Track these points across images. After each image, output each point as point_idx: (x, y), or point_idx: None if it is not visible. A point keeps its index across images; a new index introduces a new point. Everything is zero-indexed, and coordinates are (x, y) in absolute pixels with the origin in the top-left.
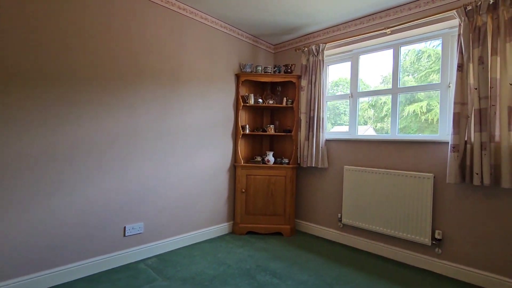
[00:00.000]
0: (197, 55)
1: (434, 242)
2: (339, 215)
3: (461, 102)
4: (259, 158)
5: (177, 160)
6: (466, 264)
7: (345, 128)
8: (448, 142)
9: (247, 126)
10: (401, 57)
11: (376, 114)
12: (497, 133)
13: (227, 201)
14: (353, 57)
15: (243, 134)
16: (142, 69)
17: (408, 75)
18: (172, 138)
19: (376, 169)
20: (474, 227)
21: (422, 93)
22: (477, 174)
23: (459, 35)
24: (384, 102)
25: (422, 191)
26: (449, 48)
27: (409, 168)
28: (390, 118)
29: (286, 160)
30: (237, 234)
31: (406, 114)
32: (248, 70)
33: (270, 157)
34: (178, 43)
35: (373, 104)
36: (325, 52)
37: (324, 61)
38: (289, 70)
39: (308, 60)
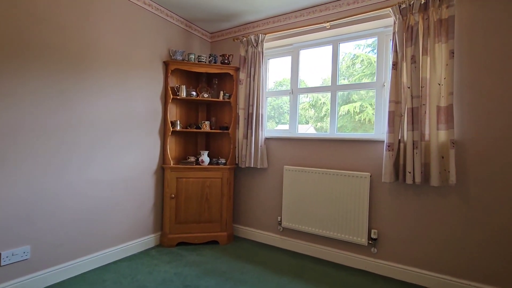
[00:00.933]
0: (111, 33)
1: (370, 242)
2: (279, 218)
3: (395, 100)
4: (192, 159)
5: (84, 162)
6: (399, 262)
7: (288, 127)
8: (383, 141)
9: (178, 122)
10: (340, 56)
11: (316, 114)
12: (427, 132)
13: (154, 209)
14: (294, 51)
15: (173, 131)
16: (28, 44)
17: (344, 79)
18: (76, 135)
19: (315, 168)
20: (406, 225)
21: (356, 95)
22: (410, 172)
23: (394, 33)
24: (324, 103)
25: (360, 190)
26: (384, 47)
27: (347, 167)
28: (329, 118)
29: (223, 161)
30: (166, 247)
31: (342, 114)
32: (179, 58)
33: (204, 157)
34: (83, 14)
35: (314, 104)
36: (265, 44)
37: (264, 54)
38: (226, 61)
39: (247, 51)
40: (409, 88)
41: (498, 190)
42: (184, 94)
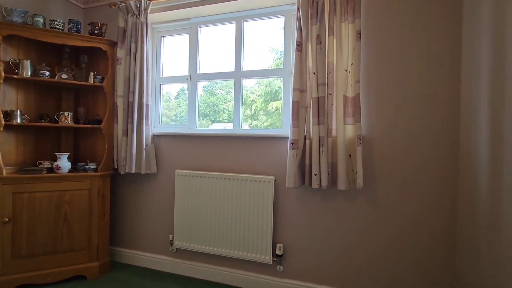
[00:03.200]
0: None
1: (275, 259)
2: (171, 236)
3: (300, 88)
4: (47, 164)
5: None
6: (308, 280)
7: (227, 126)
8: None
9: (19, 113)
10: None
11: (246, 113)
12: (334, 126)
13: None
14: (192, 28)
15: (9, 125)
16: None
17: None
18: None
19: (213, 172)
20: (315, 236)
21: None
22: (316, 175)
23: (297, 7)
24: (253, 101)
25: (263, 198)
26: (291, 28)
27: (251, 170)
28: (233, 109)
29: (94, 165)
30: None
31: (271, 110)
32: (18, 19)
33: (62, 162)
34: None
35: (244, 101)
36: (156, 16)
37: (149, 25)
38: (97, 32)
39: (126, 21)
40: (314, 73)
41: (405, 191)
42: (29, 73)
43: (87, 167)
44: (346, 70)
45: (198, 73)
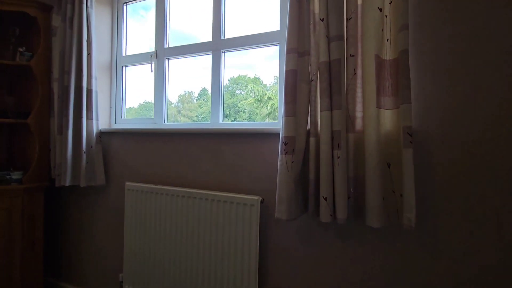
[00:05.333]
0: None
1: None
2: (121, 276)
3: (298, 49)
4: None
5: None
6: None
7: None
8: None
9: None
10: None
11: (258, 111)
12: (359, 112)
13: None
14: None
15: None
16: None
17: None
18: None
19: (175, 188)
20: None
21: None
22: (326, 199)
23: None
24: (269, 98)
25: (244, 230)
26: None
27: (228, 186)
28: (211, 100)
29: (18, 175)
30: None
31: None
32: None
33: None
34: None
35: (259, 99)
36: None
37: None
38: None
39: None
40: (323, 21)
41: (487, 230)
42: None
43: (8, 177)
44: (380, 11)
45: (166, 48)
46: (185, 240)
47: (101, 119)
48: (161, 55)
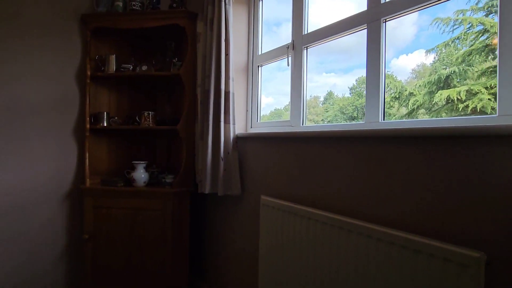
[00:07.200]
0: None
1: None
2: None
3: None
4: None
5: None
6: None
7: None
8: None
9: (105, 115)
10: None
11: (395, 111)
12: None
13: (65, 255)
14: None
15: (95, 129)
16: None
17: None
18: None
19: (324, 214)
20: None
21: (459, 76)
22: None
23: None
24: (411, 94)
25: None
26: None
27: (416, 222)
28: (365, 88)
29: (170, 179)
30: None
31: (437, 102)
32: (103, 9)
33: (137, 174)
34: None
35: (397, 96)
36: None
37: None
38: (175, 5)
39: None
40: None
41: None
42: (114, 68)
43: (163, 180)
44: None
45: (305, 34)
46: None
47: (237, 123)
48: (298, 44)
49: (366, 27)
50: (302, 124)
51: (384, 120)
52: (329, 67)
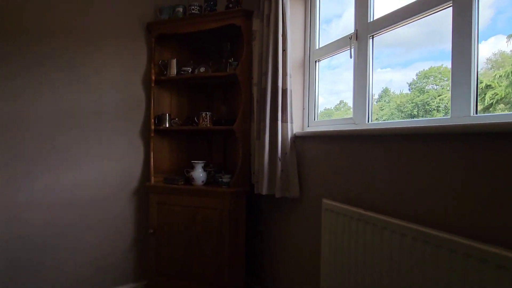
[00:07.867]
0: None
1: None
2: None
3: None
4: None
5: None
6: None
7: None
8: None
9: (167, 117)
10: None
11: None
12: None
13: (134, 247)
14: None
15: (158, 130)
16: None
17: None
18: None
19: (398, 222)
20: None
21: None
22: None
23: None
24: (488, 86)
25: None
26: None
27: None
28: (451, 80)
29: (227, 178)
30: None
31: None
32: (165, 16)
33: (195, 173)
34: None
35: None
36: None
37: None
38: (231, 6)
39: None
40: None
41: None
42: (175, 72)
43: (220, 180)
44: None
45: (370, 22)
46: None
47: (295, 122)
48: (363, 33)
49: (451, 3)
50: (368, 122)
51: (476, 114)
52: (385, 62)
